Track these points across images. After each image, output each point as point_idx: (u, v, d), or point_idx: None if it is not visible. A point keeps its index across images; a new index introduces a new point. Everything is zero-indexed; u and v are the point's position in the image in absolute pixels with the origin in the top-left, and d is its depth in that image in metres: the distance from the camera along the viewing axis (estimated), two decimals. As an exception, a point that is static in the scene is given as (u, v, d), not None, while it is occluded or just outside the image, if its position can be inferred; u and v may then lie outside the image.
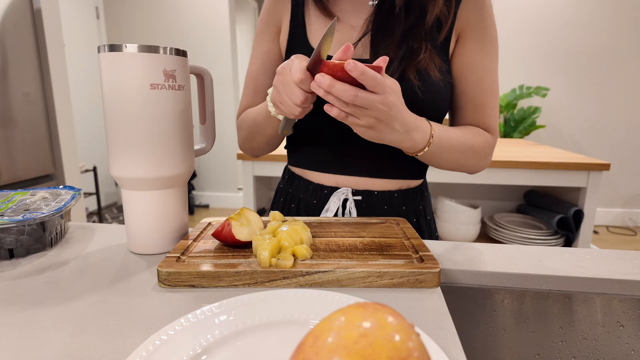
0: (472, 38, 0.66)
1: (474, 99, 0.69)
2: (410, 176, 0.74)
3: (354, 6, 0.69)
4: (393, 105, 0.49)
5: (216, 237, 0.51)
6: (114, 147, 0.51)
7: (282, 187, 0.82)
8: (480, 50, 0.67)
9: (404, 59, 0.63)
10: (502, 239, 1.76)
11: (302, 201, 0.76)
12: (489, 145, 0.69)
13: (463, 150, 0.65)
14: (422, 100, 0.64)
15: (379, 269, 0.44)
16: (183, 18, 3.54)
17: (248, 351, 0.33)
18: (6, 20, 1.61)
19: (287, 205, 0.79)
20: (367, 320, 0.22)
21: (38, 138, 1.79)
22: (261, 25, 0.74)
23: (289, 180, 0.80)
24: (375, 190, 0.72)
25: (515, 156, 1.64)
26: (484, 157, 0.69)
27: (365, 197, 0.72)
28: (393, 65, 0.63)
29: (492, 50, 0.67)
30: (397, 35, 0.63)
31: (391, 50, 0.63)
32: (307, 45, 0.69)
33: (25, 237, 0.53)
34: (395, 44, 0.63)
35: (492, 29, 0.67)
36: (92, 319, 0.38)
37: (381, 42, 0.64)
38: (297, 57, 0.51)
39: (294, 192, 0.78)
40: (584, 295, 0.50)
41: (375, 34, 0.65)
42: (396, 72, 0.63)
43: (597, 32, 3.16)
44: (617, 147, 3.32)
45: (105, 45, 0.48)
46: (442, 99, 0.67)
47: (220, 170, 3.87)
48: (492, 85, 0.68)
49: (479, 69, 0.67)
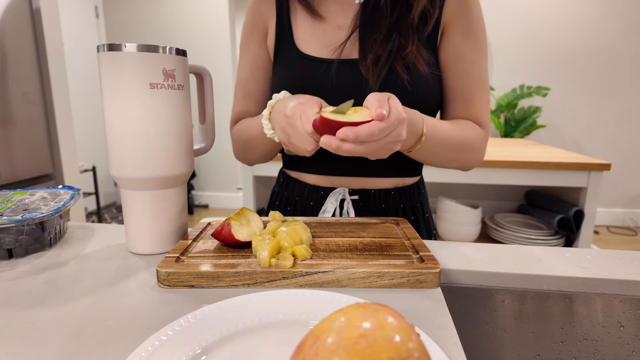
0: (458, 30, 0.66)
1: (463, 91, 0.68)
2: (406, 174, 0.74)
3: (340, 6, 0.68)
4: (402, 134, 0.49)
5: (216, 237, 0.51)
6: (113, 146, 0.51)
7: (277, 190, 0.82)
8: (466, 42, 0.66)
9: (392, 53, 0.62)
10: (503, 239, 1.76)
11: (298, 203, 0.76)
12: (481, 139, 0.68)
13: (454, 144, 0.64)
14: (411, 93, 0.64)
15: (379, 269, 0.44)
16: (182, 17, 3.54)
17: (248, 352, 0.33)
18: (5, 20, 1.61)
19: (282, 208, 0.79)
20: (367, 321, 0.22)
21: (37, 138, 1.79)
22: (246, 30, 0.73)
23: (284, 183, 0.79)
24: (372, 189, 0.72)
25: (516, 156, 1.64)
26: (477, 151, 0.68)
27: (362, 197, 0.71)
28: (381, 60, 0.62)
29: (479, 42, 0.67)
30: (383, 30, 0.63)
31: (378, 45, 0.63)
32: (294, 48, 0.68)
33: (24, 237, 0.53)
34: (381, 38, 0.63)
35: (478, 21, 0.66)
36: (91, 319, 0.38)
37: (368, 38, 0.63)
38: (307, 103, 0.50)
39: (290, 194, 0.77)
40: (584, 295, 0.50)
41: (362, 30, 0.64)
42: (385, 66, 0.62)
43: (598, 32, 3.16)
44: (617, 147, 3.31)
45: (105, 44, 0.48)
46: (431, 93, 0.67)
47: (220, 170, 3.87)
48: (481, 77, 0.67)
49: (466, 61, 0.66)
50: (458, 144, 0.65)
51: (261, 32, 0.72)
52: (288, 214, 0.78)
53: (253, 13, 0.72)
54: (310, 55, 0.67)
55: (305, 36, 0.69)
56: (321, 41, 0.68)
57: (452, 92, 0.69)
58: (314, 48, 0.68)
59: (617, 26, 3.13)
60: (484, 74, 0.68)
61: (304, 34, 0.69)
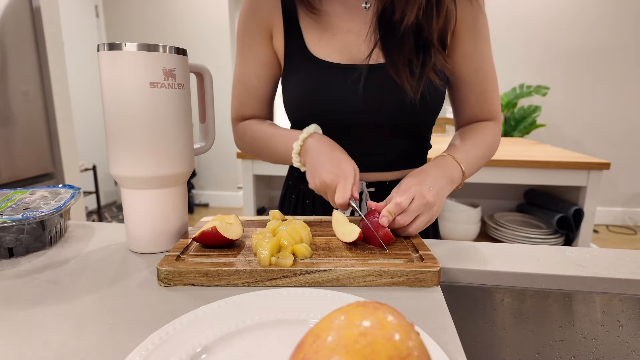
0: (467, 30, 0.68)
1: (477, 87, 0.72)
2: (414, 165, 0.75)
3: (345, 8, 0.69)
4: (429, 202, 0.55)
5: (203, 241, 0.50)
6: (114, 145, 0.51)
7: (291, 184, 0.82)
8: (476, 40, 0.69)
9: (425, 62, 0.65)
10: (502, 238, 1.76)
11: (317, 197, 0.77)
12: (497, 134, 0.74)
13: (484, 156, 0.71)
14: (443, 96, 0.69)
15: (378, 268, 0.44)
16: (183, 16, 3.54)
17: (248, 350, 0.33)
18: (5, 19, 1.61)
19: (301, 202, 0.79)
20: (367, 319, 0.22)
21: (37, 137, 1.79)
22: (245, 26, 0.71)
23: (299, 177, 0.80)
24: (387, 181, 0.74)
25: (516, 155, 1.64)
26: (497, 146, 0.74)
27: (378, 188, 0.73)
28: (418, 70, 0.64)
29: (486, 37, 0.70)
30: (406, 39, 0.64)
31: (404, 54, 0.64)
32: (305, 51, 0.68)
33: (25, 236, 0.53)
34: (407, 47, 0.64)
35: (483, 18, 0.69)
36: (91, 318, 0.38)
37: (393, 48, 0.65)
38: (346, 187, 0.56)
39: (307, 188, 0.77)
40: (583, 294, 0.50)
41: (384, 40, 0.65)
42: (422, 76, 0.64)
43: (598, 31, 3.16)
44: (617, 146, 3.31)
45: (105, 43, 0.48)
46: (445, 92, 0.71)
47: (220, 169, 3.86)
48: (491, 70, 0.72)
49: (476, 57, 0.70)
50: (486, 155, 0.71)
51: (263, 30, 0.70)
52: (307, 207, 0.79)
53: (253, 13, 0.70)
54: (326, 60, 0.67)
55: (316, 40, 0.68)
56: (333, 46, 0.68)
57: (465, 88, 0.73)
58: (326, 52, 0.68)
59: (617, 25, 3.13)
60: (493, 66, 0.72)
61: (313, 37, 0.69)
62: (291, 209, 0.81)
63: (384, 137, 0.71)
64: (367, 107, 0.67)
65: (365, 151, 0.71)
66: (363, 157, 0.69)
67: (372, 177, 0.74)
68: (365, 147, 0.71)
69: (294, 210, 0.80)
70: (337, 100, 0.67)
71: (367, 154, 0.71)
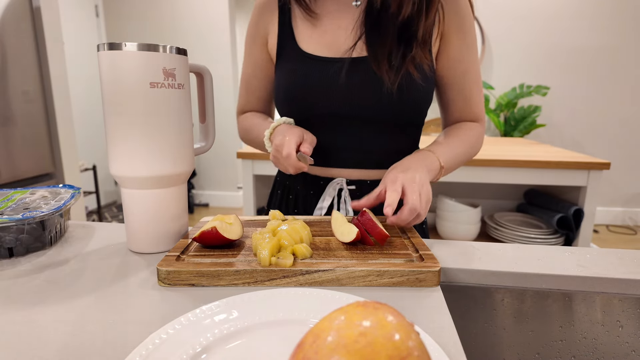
0: (455, 33, 0.71)
1: (463, 90, 0.74)
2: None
3: (338, 6, 0.72)
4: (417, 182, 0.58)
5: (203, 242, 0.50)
6: (114, 145, 0.51)
7: (279, 179, 0.86)
8: (463, 44, 0.71)
9: (405, 55, 0.66)
10: (502, 238, 1.76)
11: (299, 192, 0.80)
12: (480, 135, 0.77)
13: (465, 153, 0.73)
14: (424, 91, 0.69)
15: (378, 268, 0.44)
16: (183, 16, 3.54)
17: (248, 350, 0.33)
18: (5, 19, 1.61)
19: (285, 197, 0.83)
20: (367, 319, 0.22)
21: (37, 137, 1.79)
22: (250, 36, 0.80)
23: (284, 173, 0.84)
24: (368, 180, 0.76)
25: (516, 155, 1.64)
26: (479, 145, 0.77)
27: (358, 187, 0.75)
28: (397, 62, 0.66)
29: (472, 42, 0.72)
30: (390, 33, 0.66)
31: (387, 47, 0.66)
32: (296, 48, 0.73)
33: (25, 236, 0.53)
34: (390, 40, 0.66)
35: (471, 22, 0.71)
36: (91, 318, 0.38)
37: (376, 41, 0.67)
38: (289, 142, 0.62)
39: (291, 184, 0.82)
40: (583, 294, 0.50)
41: (369, 34, 0.68)
42: (401, 68, 0.66)
43: (598, 31, 3.16)
44: (617, 146, 3.31)
45: (105, 43, 0.48)
46: (430, 91, 0.72)
47: (220, 169, 3.86)
48: (477, 75, 0.74)
49: (464, 62, 0.72)
50: (468, 152, 0.74)
51: (262, 39, 0.78)
52: (290, 203, 0.82)
53: (256, 21, 0.78)
54: (313, 54, 0.71)
55: (306, 36, 0.73)
56: (323, 42, 0.72)
57: (452, 91, 0.75)
58: (315, 47, 0.72)
59: (618, 25, 3.13)
60: (479, 70, 0.75)
61: (304, 34, 0.73)
62: (277, 204, 0.85)
63: (365, 131, 0.72)
64: (347, 99, 0.69)
65: (346, 145, 0.73)
66: (344, 152, 0.74)
67: (353, 174, 0.75)
68: (346, 141, 0.73)
69: (279, 205, 0.84)
70: (318, 91, 0.70)
71: (348, 149, 0.73)
